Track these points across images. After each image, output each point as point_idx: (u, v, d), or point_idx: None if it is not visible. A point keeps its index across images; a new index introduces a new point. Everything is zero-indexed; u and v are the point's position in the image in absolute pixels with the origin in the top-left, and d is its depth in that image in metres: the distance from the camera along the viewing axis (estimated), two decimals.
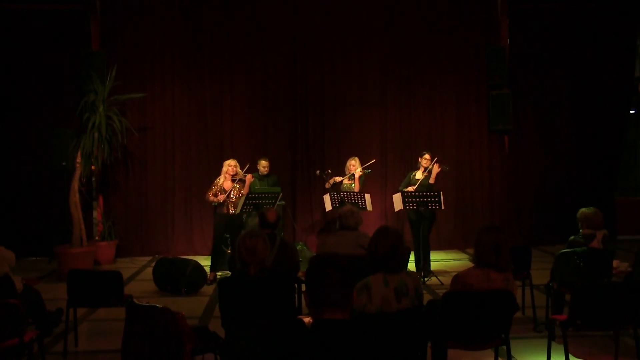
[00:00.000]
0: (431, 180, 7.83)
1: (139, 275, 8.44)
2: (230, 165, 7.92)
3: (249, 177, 7.92)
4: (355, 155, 8.66)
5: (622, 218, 10.51)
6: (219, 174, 8.07)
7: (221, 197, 7.80)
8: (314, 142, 10.16)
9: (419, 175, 8.01)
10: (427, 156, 8.01)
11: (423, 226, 7.82)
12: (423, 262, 7.81)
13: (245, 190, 7.82)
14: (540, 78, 10.45)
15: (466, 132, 10.34)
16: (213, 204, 8.01)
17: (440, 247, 9.89)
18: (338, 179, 8.56)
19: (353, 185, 8.39)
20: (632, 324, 4.37)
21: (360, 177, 8.39)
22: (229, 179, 7.88)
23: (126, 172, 9.91)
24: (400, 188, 8.08)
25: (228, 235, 8.12)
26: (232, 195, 7.83)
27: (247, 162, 8.20)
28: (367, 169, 8.48)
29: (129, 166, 9.90)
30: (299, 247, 8.40)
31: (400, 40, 10.25)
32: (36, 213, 9.64)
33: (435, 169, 7.88)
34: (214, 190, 7.88)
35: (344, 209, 5.65)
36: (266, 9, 10.11)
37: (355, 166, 8.46)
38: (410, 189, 7.85)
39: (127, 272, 8.16)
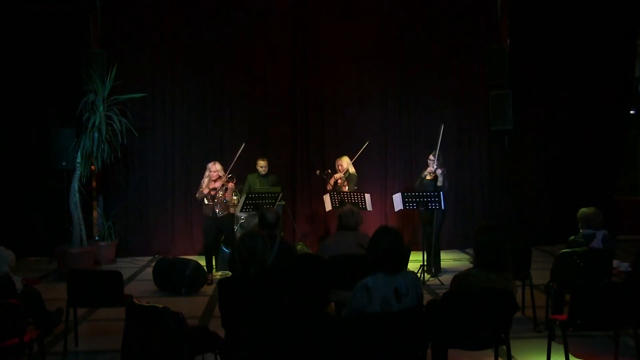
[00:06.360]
0: (439, 183, 7.83)
1: (139, 275, 8.45)
2: (210, 170, 7.90)
3: (230, 186, 7.85)
4: (346, 155, 8.63)
5: (622, 218, 10.51)
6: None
7: (214, 191, 7.74)
8: (314, 142, 10.16)
9: (428, 176, 8.00)
10: (430, 157, 8.02)
11: (435, 225, 7.82)
12: (434, 259, 7.82)
13: (228, 196, 7.82)
14: (540, 78, 10.44)
15: (466, 132, 10.34)
16: (201, 197, 7.86)
17: (441, 247, 9.84)
18: (338, 176, 8.51)
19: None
20: (632, 324, 4.37)
21: (349, 180, 8.36)
22: (213, 183, 7.84)
23: (126, 172, 9.90)
24: (416, 185, 8.18)
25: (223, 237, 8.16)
26: (218, 197, 7.80)
27: (229, 168, 8.07)
28: (346, 174, 8.44)
29: (129, 166, 9.90)
30: (299, 247, 8.40)
31: (401, 40, 10.25)
32: (36, 213, 9.65)
33: (438, 172, 7.88)
34: (204, 188, 7.83)
35: (344, 209, 5.65)
36: (267, 9, 10.10)
37: (343, 166, 8.46)
38: None
39: (127, 272, 8.18)
